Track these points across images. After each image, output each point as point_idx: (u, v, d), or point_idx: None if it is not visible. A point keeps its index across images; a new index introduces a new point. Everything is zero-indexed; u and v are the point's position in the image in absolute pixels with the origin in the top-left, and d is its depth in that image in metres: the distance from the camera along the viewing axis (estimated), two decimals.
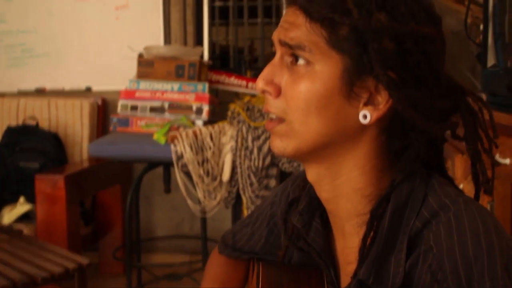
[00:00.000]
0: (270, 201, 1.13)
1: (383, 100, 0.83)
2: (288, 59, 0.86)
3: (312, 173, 0.90)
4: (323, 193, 0.91)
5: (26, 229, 2.78)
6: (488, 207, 1.66)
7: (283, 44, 0.85)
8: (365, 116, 0.83)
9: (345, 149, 0.86)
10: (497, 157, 1.55)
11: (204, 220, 3.16)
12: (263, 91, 0.87)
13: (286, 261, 1.06)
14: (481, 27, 1.91)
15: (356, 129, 0.85)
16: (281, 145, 0.87)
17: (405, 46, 0.81)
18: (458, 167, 1.95)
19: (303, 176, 0.99)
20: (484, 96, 1.83)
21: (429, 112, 0.83)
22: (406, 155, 0.85)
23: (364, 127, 0.84)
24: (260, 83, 0.86)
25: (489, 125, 0.90)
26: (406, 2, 0.82)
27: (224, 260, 1.19)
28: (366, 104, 0.83)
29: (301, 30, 0.83)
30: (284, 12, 0.89)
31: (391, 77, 0.80)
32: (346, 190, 0.88)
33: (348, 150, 0.86)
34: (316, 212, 0.96)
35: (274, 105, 0.87)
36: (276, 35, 0.87)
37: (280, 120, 0.87)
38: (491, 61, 1.81)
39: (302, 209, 0.97)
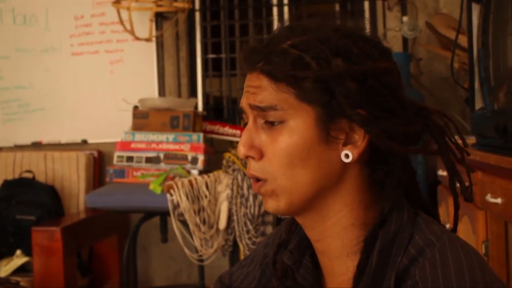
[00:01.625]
0: (264, 242, 1.14)
1: (359, 137, 0.87)
2: (261, 121, 0.89)
3: (302, 220, 0.93)
4: (314, 235, 0.93)
5: (23, 282, 2.77)
6: (483, 247, 1.68)
7: (254, 108, 0.88)
8: (347, 155, 0.87)
9: (332, 191, 0.89)
10: (489, 196, 1.58)
11: (201, 269, 3.16)
12: (247, 157, 0.90)
13: None
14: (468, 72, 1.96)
15: (339, 170, 0.88)
16: (274, 203, 0.90)
17: (367, 84, 0.86)
18: (452, 209, 1.99)
19: (291, 219, 1.02)
20: (474, 139, 1.88)
21: (404, 138, 0.88)
22: (389, 182, 0.89)
23: (346, 165, 0.88)
24: (242, 149, 0.89)
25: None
26: (358, 43, 0.88)
27: None
28: (345, 144, 0.87)
29: (268, 91, 0.87)
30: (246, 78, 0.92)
31: (363, 114, 0.85)
32: (337, 230, 0.90)
33: (335, 191, 0.89)
34: (306, 251, 0.99)
35: (256, 168, 0.89)
36: (244, 102, 0.90)
37: (264, 180, 0.89)
38: (478, 104, 1.85)
39: (293, 248, 0.99)
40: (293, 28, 0.90)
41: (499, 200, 1.52)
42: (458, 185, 0.94)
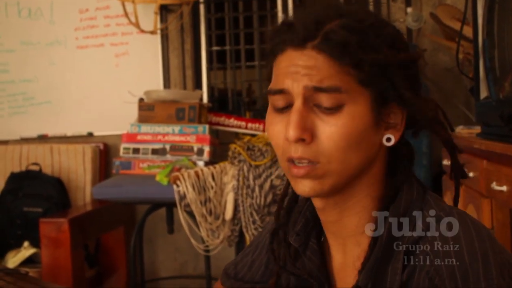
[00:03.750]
0: (269, 228, 1.15)
1: (398, 121, 0.91)
2: (312, 102, 0.87)
3: (325, 202, 0.94)
4: (332, 216, 0.95)
5: (31, 273, 2.79)
6: None
7: (310, 89, 0.86)
8: (389, 139, 0.91)
9: (363, 172, 0.92)
10: (494, 184, 1.60)
11: (208, 260, 3.18)
12: (299, 140, 0.86)
13: (284, 287, 1.10)
14: (473, 62, 1.97)
15: (376, 153, 0.92)
16: (318, 186, 0.88)
17: (411, 71, 0.91)
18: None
19: (289, 206, 1.04)
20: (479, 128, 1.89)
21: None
22: (401, 164, 0.94)
23: (379, 149, 0.92)
24: (296, 132, 0.85)
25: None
26: (400, 38, 0.92)
27: None
28: (386, 128, 0.91)
29: (329, 72, 0.85)
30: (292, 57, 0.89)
31: (414, 98, 0.89)
32: (357, 210, 0.93)
33: (365, 173, 0.92)
34: (312, 232, 1.01)
35: (309, 152, 0.87)
36: (296, 84, 0.87)
37: (314, 163, 0.87)
38: (483, 94, 1.86)
39: (299, 230, 1.01)
40: (329, 8, 0.91)
41: (504, 188, 1.54)
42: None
